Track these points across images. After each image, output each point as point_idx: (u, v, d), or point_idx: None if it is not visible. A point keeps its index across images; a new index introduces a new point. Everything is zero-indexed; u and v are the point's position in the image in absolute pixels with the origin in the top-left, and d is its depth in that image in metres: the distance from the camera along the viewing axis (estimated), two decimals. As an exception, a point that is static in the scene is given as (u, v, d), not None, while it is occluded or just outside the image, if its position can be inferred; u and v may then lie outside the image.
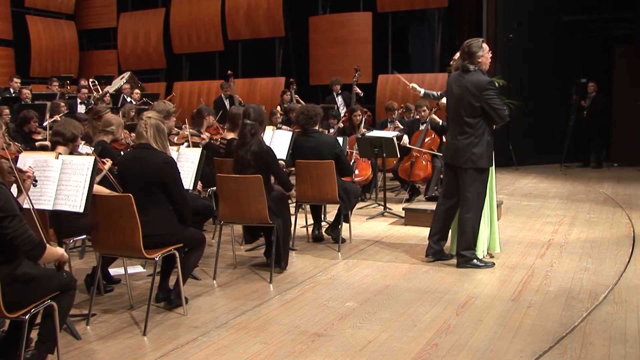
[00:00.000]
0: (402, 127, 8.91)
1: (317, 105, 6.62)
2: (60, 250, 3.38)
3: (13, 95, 10.95)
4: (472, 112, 5.20)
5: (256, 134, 5.22)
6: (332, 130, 9.24)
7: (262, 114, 5.33)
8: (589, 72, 12.47)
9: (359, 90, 11.06)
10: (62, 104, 9.32)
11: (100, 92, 12.31)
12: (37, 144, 7.20)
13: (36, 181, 3.72)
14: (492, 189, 5.56)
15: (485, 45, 5.28)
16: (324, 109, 10.33)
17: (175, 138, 6.89)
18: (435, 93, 6.84)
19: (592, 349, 3.66)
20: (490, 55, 5.38)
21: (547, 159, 12.97)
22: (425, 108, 8.71)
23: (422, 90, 6.77)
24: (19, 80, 11.62)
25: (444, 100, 6.67)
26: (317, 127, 6.23)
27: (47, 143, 6.45)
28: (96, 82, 13.23)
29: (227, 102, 11.96)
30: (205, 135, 6.93)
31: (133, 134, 6.59)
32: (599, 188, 9.94)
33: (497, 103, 5.18)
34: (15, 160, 4.21)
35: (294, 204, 6.32)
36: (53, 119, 8.15)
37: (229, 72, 12.16)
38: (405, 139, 8.44)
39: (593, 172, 11.96)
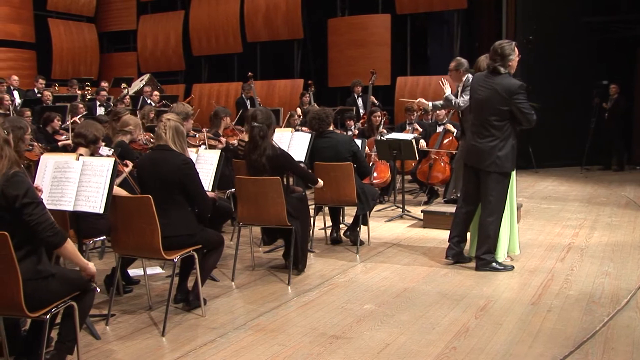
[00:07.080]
0: (421, 130, 8.87)
1: (332, 107, 6.63)
2: (90, 264, 3.38)
3: (37, 95, 11.09)
4: (500, 115, 5.15)
5: (265, 136, 5.15)
6: (349, 132, 9.22)
7: (270, 117, 5.24)
8: (610, 73, 12.32)
9: (374, 99, 11.09)
10: (81, 105, 9.43)
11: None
12: (59, 144, 7.30)
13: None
14: (513, 192, 5.50)
15: (516, 49, 5.23)
16: (342, 111, 10.34)
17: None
18: (439, 102, 6.87)
19: (614, 354, 3.61)
20: (519, 58, 5.31)
21: (567, 161, 12.81)
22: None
23: (430, 104, 6.85)
24: (43, 82, 11.77)
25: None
26: (331, 128, 6.25)
27: (70, 142, 6.53)
28: (126, 85, 13.33)
29: (248, 103, 11.95)
30: (223, 140, 6.95)
31: (151, 135, 6.66)
32: (620, 191, 9.81)
33: (527, 107, 5.13)
34: (37, 161, 4.27)
35: (313, 206, 6.32)
36: (72, 120, 8.25)
37: (249, 73, 12.19)
38: (422, 143, 8.39)
39: (614, 175, 11.81)
